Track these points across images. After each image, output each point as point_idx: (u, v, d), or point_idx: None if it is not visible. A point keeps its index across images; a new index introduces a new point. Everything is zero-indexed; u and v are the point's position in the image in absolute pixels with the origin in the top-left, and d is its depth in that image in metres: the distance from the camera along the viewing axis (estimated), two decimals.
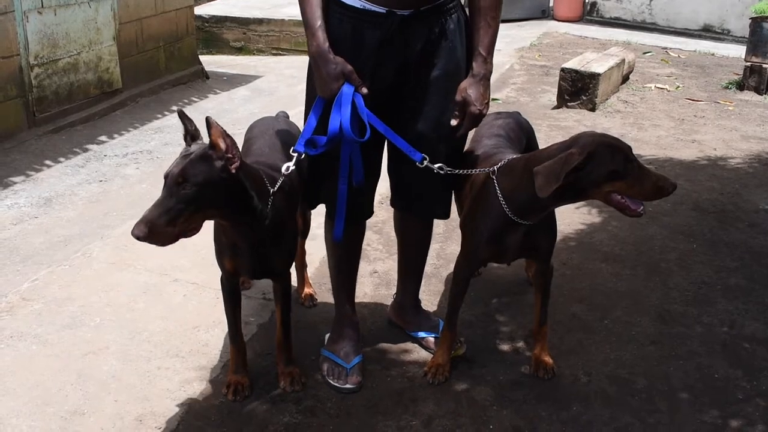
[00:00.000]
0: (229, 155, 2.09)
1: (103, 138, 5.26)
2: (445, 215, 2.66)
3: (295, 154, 2.34)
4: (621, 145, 2.21)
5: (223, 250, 2.38)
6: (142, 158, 4.91)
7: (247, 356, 2.55)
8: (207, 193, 2.05)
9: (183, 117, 2.16)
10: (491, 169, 2.39)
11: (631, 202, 2.21)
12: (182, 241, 3.52)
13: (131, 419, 2.39)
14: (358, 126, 2.28)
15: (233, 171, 2.09)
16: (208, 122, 2.06)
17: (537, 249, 2.49)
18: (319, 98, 2.34)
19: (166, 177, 2.04)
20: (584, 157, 2.15)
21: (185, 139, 2.16)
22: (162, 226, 1.99)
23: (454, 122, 2.35)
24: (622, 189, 2.20)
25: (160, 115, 5.84)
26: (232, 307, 2.49)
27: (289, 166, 2.32)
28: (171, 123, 5.71)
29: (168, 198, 2.01)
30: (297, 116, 2.40)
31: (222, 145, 2.07)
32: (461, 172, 2.45)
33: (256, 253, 2.33)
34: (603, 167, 2.17)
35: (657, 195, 2.22)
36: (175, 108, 6.04)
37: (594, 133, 2.28)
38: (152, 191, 4.32)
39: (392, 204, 2.72)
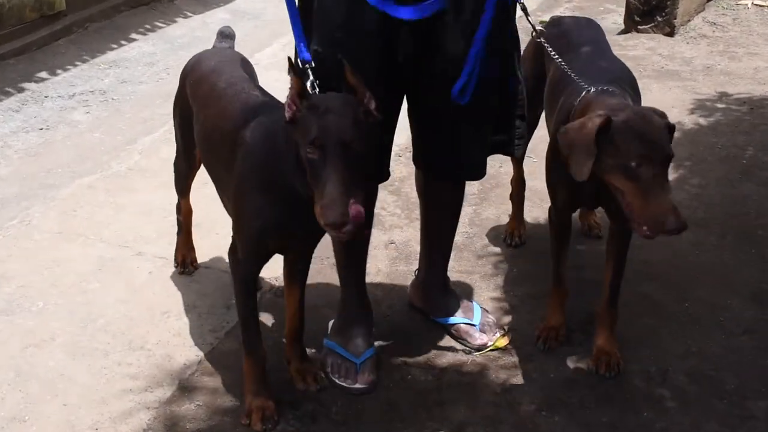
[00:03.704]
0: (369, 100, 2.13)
1: (43, 74, 5.26)
2: (480, 175, 2.69)
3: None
4: (654, 138, 2.25)
5: (270, 222, 2.29)
6: (93, 100, 4.92)
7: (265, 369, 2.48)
8: None
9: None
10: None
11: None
12: (147, 205, 3.60)
13: (84, 427, 2.42)
14: None
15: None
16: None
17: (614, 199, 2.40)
18: None
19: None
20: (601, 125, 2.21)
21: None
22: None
23: None
24: (626, 192, 2.23)
25: (115, 45, 5.83)
26: (254, 302, 2.46)
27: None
28: (129, 55, 5.70)
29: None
30: (289, 47, 2.38)
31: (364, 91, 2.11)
32: None
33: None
34: (615, 154, 2.22)
35: (653, 226, 2.20)
36: (134, 35, 6.05)
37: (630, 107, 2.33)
38: (106, 141, 4.33)
39: (415, 162, 2.72)
